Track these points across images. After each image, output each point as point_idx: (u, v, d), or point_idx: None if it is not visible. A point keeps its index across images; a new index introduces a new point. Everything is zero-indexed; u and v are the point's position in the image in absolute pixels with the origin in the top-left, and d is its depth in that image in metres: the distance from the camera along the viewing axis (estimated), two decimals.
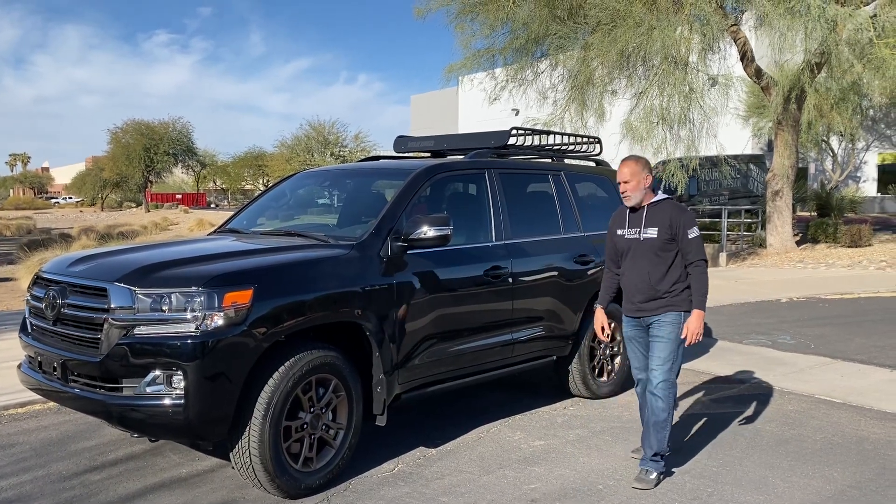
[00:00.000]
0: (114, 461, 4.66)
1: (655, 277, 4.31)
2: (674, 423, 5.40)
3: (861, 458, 4.73)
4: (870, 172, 35.42)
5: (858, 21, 13.73)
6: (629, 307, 4.47)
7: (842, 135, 28.08)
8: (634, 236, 4.39)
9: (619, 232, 4.49)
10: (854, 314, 10.35)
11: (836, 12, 13.73)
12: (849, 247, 17.80)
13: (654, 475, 4.28)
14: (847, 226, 18.59)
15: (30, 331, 4.47)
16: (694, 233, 4.28)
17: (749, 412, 5.70)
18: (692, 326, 4.25)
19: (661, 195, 4.44)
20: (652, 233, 4.31)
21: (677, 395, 4.66)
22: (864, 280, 13.76)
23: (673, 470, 4.52)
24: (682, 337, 4.29)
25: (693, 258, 4.28)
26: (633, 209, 4.43)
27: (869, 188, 34.98)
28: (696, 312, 4.26)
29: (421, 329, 4.62)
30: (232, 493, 4.15)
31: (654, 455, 4.33)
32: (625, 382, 6.28)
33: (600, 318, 4.66)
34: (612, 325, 4.76)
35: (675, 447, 4.87)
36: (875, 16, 14.19)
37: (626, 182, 4.34)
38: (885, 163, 35.13)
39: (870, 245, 17.94)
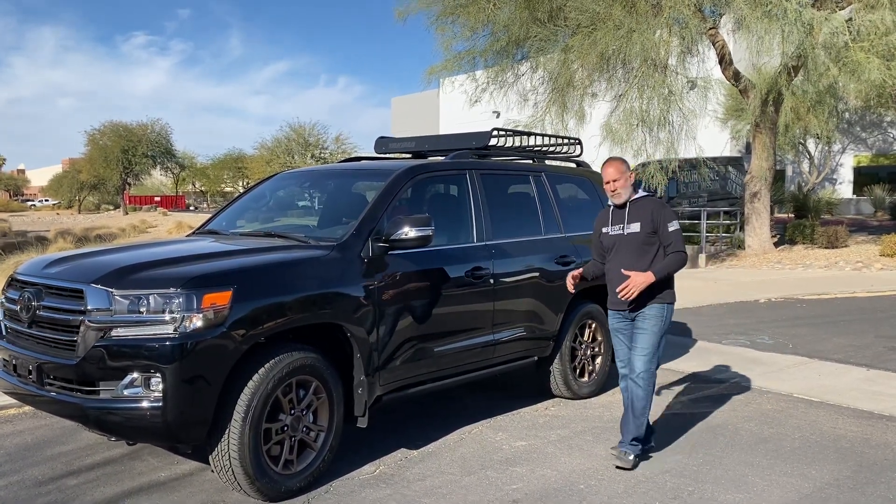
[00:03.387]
0: (91, 465, 4.59)
1: (640, 269, 4.48)
2: (655, 422, 5.44)
3: (839, 456, 4.78)
4: (846, 175, 35.88)
5: (834, 25, 13.91)
6: (614, 300, 4.64)
7: (818, 137, 28.39)
8: (619, 232, 4.63)
9: (604, 230, 4.72)
10: (831, 314, 10.47)
11: (813, 16, 13.91)
12: (825, 248, 18.02)
13: (632, 457, 4.51)
14: (824, 227, 18.81)
15: (4, 333, 4.39)
16: (674, 226, 4.51)
17: (728, 411, 5.74)
18: (637, 280, 4.36)
19: (641, 192, 4.68)
20: (635, 227, 4.55)
21: (657, 393, 4.88)
22: (840, 281, 13.92)
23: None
24: (663, 330, 4.54)
25: (674, 248, 4.50)
26: (616, 207, 4.65)
27: (845, 190, 35.42)
28: (647, 273, 4.40)
29: (402, 330, 4.61)
30: (211, 497, 4.11)
31: (633, 440, 4.56)
32: (606, 383, 6.31)
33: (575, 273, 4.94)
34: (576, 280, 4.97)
35: (657, 446, 4.89)
36: (850, 20, 14.38)
37: (615, 180, 4.58)
38: (861, 165, 35.62)
39: (846, 246, 18.17)
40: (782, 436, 5.18)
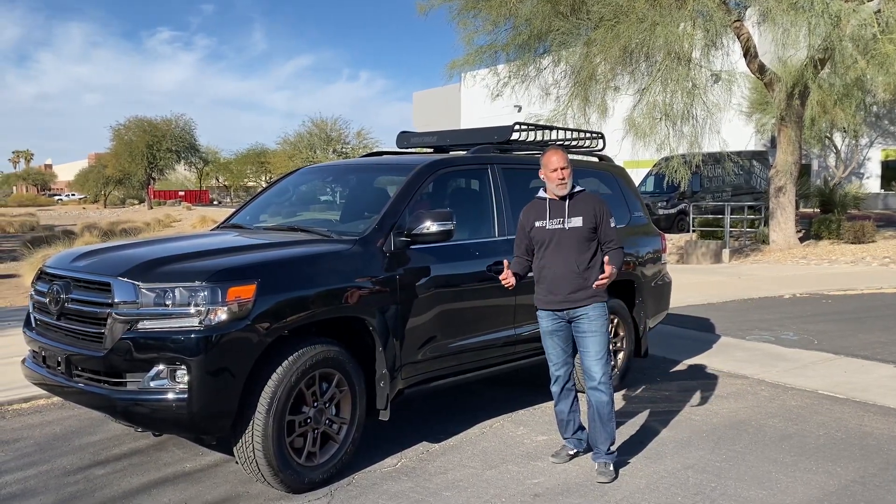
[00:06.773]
0: (118, 456, 4.67)
1: (582, 265, 4.33)
2: (678, 417, 5.42)
3: (864, 454, 4.72)
4: (873, 169, 35.32)
5: (862, 16, 13.70)
6: (550, 300, 4.40)
7: (845, 131, 28.01)
8: (558, 226, 4.38)
9: (539, 224, 4.43)
10: (857, 310, 10.33)
11: (840, 8, 13.70)
12: (852, 243, 17.77)
13: (611, 467, 4.35)
14: (850, 222, 18.55)
15: (34, 326, 4.48)
16: (614, 222, 4.45)
17: (752, 407, 5.70)
18: (612, 272, 4.23)
19: (578, 187, 4.47)
20: (577, 222, 4.34)
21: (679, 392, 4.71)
22: (867, 276, 13.74)
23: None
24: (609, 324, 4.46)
25: (615, 245, 4.41)
26: (553, 199, 4.42)
27: (872, 185, 34.86)
28: (612, 267, 4.25)
29: (424, 324, 4.62)
30: (235, 488, 4.16)
31: (609, 449, 4.38)
32: (625, 377, 6.28)
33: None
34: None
35: (680, 441, 4.87)
36: (879, 11, 14.15)
37: (563, 168, 4.33)
38: (889, 159, 35.03)
39: (873, 241, 17.90)
40: (807, 432, 5.13)
